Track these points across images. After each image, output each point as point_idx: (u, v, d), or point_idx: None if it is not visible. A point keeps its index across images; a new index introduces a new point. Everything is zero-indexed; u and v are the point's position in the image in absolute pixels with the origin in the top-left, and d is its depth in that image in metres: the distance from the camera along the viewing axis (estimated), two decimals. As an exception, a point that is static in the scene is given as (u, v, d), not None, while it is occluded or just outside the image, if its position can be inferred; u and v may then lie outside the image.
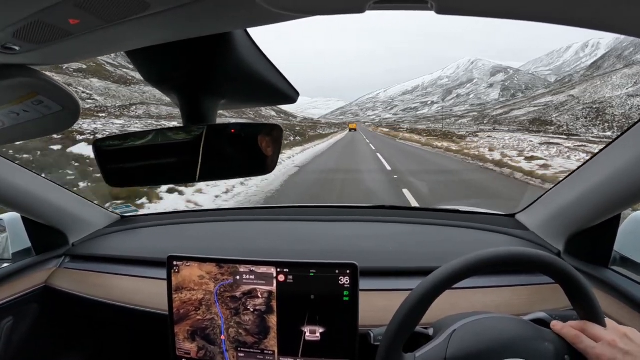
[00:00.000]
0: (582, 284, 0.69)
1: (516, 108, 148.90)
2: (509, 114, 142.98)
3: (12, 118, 0.67)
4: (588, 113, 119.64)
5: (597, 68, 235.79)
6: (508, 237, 1.31)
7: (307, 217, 1.60)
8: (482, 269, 0.69)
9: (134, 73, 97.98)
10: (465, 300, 1.04)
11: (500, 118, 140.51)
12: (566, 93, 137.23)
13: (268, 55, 0.68)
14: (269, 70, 0.71)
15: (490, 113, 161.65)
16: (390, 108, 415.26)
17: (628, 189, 0.90)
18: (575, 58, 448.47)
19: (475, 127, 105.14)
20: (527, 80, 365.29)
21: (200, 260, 1.03)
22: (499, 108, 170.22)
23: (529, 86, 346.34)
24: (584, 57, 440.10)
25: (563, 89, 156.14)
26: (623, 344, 0.66)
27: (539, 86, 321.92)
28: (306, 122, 75.56)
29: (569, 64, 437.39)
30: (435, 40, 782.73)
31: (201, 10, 0.43)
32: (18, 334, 1.30)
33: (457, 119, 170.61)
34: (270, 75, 0.72)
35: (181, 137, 0.70)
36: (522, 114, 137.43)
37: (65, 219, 1.47)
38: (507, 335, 0.71)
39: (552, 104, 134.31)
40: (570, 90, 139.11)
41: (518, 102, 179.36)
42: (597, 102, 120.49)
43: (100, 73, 79.20)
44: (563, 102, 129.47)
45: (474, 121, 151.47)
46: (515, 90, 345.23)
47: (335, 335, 0.96)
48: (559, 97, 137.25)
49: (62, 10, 0.40)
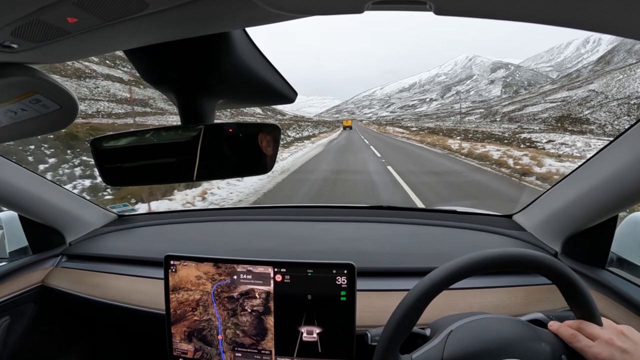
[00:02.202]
0: (578, 285, 0.70)
1: (529, 104, 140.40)
2: (523, 111, 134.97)
3: (10, 116, 0.66)
4: (628, 110, 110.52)
5: (606, 62, 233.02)
6: (505, 237, 1.31)
7: (305, 217, 1.60)
8: (479, 269, 0.69)
9: (96, 66, 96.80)
10: (463, 301, 1.04)
11: (514, 115, 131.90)
12: (584, 88, 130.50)
13: (264, 53, 0.68)
14: (267, 70, 0.71)
15: (499, 110, 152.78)
16: (387, 106, 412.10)
17: (625, 190, 0.90)
18: (577, 54, 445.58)
19: (498, 125, 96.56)
20: (529, 76, 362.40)
21: (198, 259, 1.03)
22: (508, 104, 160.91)
23: (531, 82, 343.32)
24: (586, 53, 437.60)
25: (577, 83, 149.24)
26: (620, 342, 0.66)
27: (541, 82, 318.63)
28: (286, 121, 72.34)
29: (570, 60, 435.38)
30: (432, 38, 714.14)
31: (199, 10, 0.43)
32: (15, 334, 1.30)
33: (463, 116, 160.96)
34: (268, 75, 0.72)
35: (179, 136, 0.70)
36: (538, 110, 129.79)
37: (62, 218, 1.46)
38: (504, 335, 0.71)
39: (571, 99, 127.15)
40: (588, 84, 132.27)
41: (527, 97, 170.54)
42: (633, 97, 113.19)
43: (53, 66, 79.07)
44: (585, 98, 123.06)
45: (482, 118, 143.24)
46: (518, 86, 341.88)
47: (333, 336, 0.96)
48: (577, 92, 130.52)
49: (61, 8, 0.40)
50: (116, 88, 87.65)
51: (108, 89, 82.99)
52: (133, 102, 77.18)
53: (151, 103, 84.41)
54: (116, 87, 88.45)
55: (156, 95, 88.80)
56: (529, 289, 1.08)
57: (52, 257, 1.46)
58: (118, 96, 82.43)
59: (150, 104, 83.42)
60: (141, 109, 73.38)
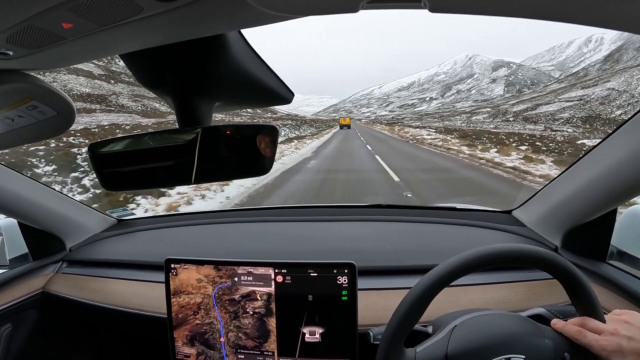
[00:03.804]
0: (579, 279, 0.70)
1: (542, 103, 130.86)
2: (536, 110, 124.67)
3: (7, 124, 0.66)
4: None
5: (615, 61, 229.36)
6: (505, 233, 1.32)
7: (304, 218, 1.60)
8: (480, 265, 0.69)
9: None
10: (464, 297, 1.04)
11: (529, 115, 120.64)
12: (601, 86, 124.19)
13: (260, 53, 0.68)
14: (263, 71, 0.71)
15: (508, 109, 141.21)
16: (386, 105, 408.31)
17: (624, 183, 0.90)
18: (579, 53, 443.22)
19: (520, 126, 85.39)
20: (532, 75, 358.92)
21: (198, 262, 1.03)
22: (516, 103, 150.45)
23: (534, 81, 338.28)
24: (588, 52, 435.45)
25: (589, 82, 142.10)
26: (625, 331, 0.67)
27: (545, 81, 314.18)
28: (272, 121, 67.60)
29: (572, 59, 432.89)
30: (430, 36, 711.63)
31: (194, 13, 0.43)
32: (17, 341, 1.29)
33: (468, 115, 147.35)
34: (264, 76, 0.72)
35: (176, 139, 0.70)
36: (554, 109, 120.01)
37: (62, 224, 1.46)
38: (506, 331, 0.71)
39: (589, 98, 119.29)
40: (605, 83, 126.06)
41: (536, 96, 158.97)
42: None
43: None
44: (606, 97, 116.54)
45: (492, 118, 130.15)
46: (521, 85, 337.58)
47: (335, 335, 0.96)
48: (594, 91, 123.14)
49: (56, 14, 0.40)
50: (79, 83, 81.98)
51: (65, 84, 76.80)
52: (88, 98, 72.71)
53: (112, 100, 79.03)
54: (79, 81, 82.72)
55: (125, 91, 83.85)
56: (530, 284, 1.08)
57: (52, 263, 1.46)
58: (74, 91, 76.32)
59: (110, 101, 77.76)
60: (95, 106, 65.79)
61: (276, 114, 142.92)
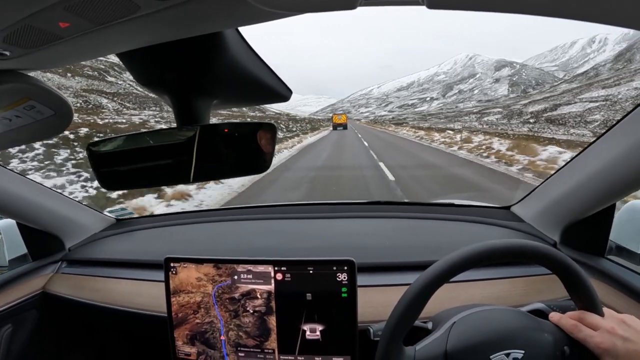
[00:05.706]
0: (579, 274, 0.70)
1: (562, 103, 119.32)
2: (556, 111, 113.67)
3: (4, 124, 0.66)
4: None
5: (628, 60, 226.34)
6: (504, 229, 1.32)
7: (303, 215, 1.60)
8: (480, 261, 0.69)
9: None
10: (464, 293, 1.04)
11: (551, 116, 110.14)
12: (625, 85, 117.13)
13: (258, 52, 0.68)
14: (261, 69, 0.71)
15: (522, 109, 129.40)
16: (385, 105, 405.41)
17: (623, 178, 0.91)
18: (582, 54, 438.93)
19: (552, 131, 75.69)
20: (536, 75, 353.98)
21: (198, 261, 1.03)
22: (529, 103, 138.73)
23: (539, 81, 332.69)
24: (592, 52, 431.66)
25: (608, 82, 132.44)
26: (622, 331, 0.66)
27: (549, 81, 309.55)
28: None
29: (576, 60, 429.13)
30: (429, 36, 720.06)
31: (191, 11, 0.43)
32: (17, 341, 1.29)
33: (478, 116, 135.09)
34: (262, 73, 0.72)
35: (174, 138, 0.70)
36: (579, 110, 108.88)
37: (61, 224, 1.46)
38: (506, 326, 0.72)
39: (616, 98, 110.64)
40: (629, 82, 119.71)
41: (549, 96, 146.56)
42: None
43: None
44: (635, 97, 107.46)
45: (506, 119, 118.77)
46: (526, 85, 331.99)
47: (335, 332, 0.96)
48: (619, 90, 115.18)
49: (52, 14, 0.40)
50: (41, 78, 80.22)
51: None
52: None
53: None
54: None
55: (78, 86, 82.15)
56: (529, 280, 1.08)
57: (52, 263, 1.46)
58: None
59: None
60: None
61: (264, 113, 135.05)
